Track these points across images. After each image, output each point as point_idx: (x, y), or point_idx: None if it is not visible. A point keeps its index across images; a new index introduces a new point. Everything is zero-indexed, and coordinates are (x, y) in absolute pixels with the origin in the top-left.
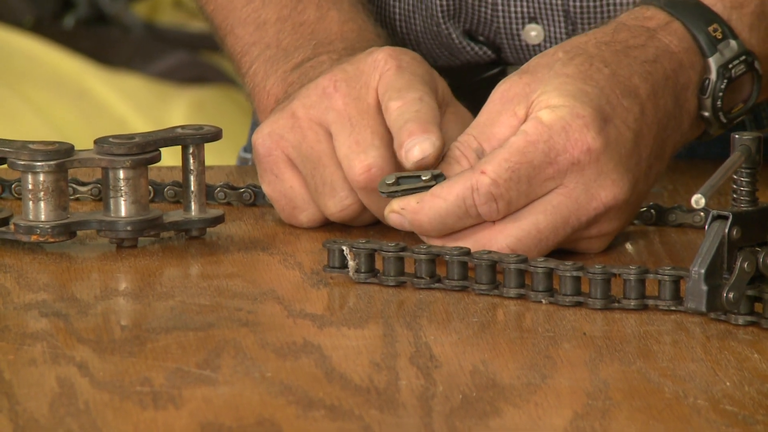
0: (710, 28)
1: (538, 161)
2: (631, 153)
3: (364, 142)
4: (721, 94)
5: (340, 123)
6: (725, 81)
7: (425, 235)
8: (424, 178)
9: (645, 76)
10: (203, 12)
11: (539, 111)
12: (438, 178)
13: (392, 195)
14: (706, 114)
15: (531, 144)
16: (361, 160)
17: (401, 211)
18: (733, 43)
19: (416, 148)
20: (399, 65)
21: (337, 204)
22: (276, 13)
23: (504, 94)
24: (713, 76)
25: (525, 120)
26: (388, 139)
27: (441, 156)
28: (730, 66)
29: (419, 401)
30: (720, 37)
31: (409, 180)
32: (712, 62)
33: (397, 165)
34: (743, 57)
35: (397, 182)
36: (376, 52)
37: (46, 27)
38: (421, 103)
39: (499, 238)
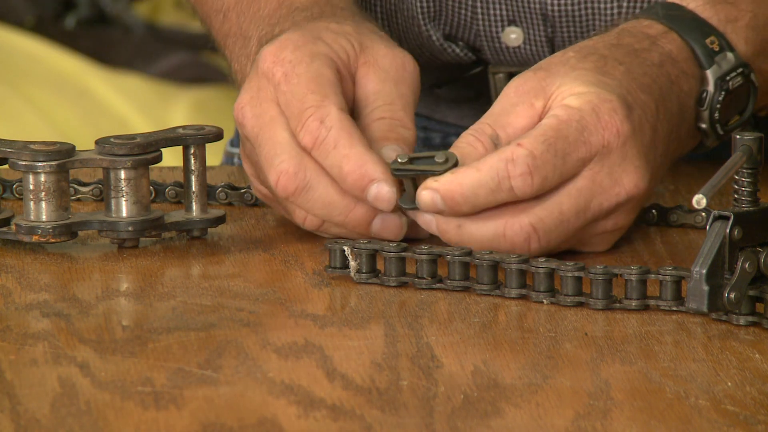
0: (707, 40)
1: (573, 138)
2: (650, 145)
3: (268, 155)
4: (718, 106)
5: (253, 145)
6: (723, 93)
7: (455, 212)
8: (438, 160)
9: (654, 77)
10: (189, 6)
11: (565, 99)
12: (451, 158)
13: (402, 173)
14: (704, 126)
15: (564, 123)
16: (271, 174)
17: (434, 184)
18: (730, 55)
19: (383, 203)
20: (284, 72)
21: (299, 219)
22: None
23: (519, 88)
24: (711, 88)
25: (543, 112)
26: (288, 139)
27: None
28: (728, 78)
29: (420, 401)
30: (717, 49)
31: (422, 161)
32: (710, 74)
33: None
34: (740, 69)
35: (410, 161)
36: (261, 60)
37: (48, 27)
38: (330, 133)
39: (522, 216)
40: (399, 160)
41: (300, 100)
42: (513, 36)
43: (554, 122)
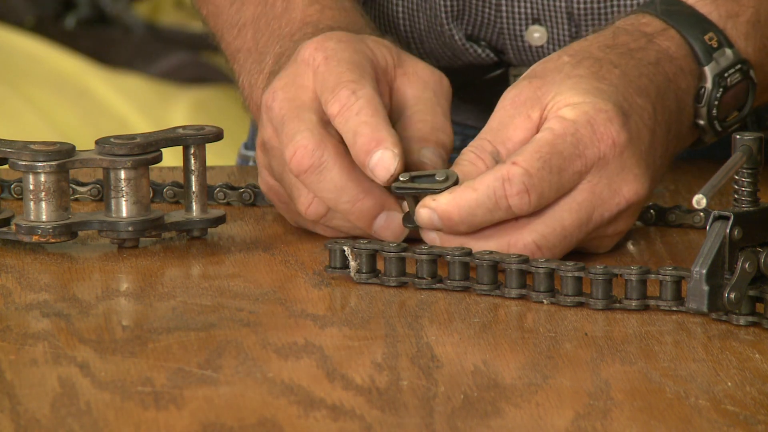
0: (706, 37)
1: (567, 152)
2: (648, 150)
3: (290, 132)
4: (716, 102)
5: (276, 127)
6: (721, 90)
7: (454, 231)
8: (438, 178)
9: (650, 77)
10: (200, 16)
11: (560, 110)
12: (452, 176)
13: (403, 191)
14: (701, 122)
15: (559, 137)
16: (289, 148)
17: (431, 203)
18: (728, 51)
19: (382, 170)
20: (325, 56)
21: (303, 205)
22: (252, 12)
23: (514, 99)
24: (709, 84)
25: (540, 123)
26: (315, 120)
27: (403, 156)
28: (726, 75)
29: (421, 401)
30: (716, 46)
31: (423, 179)
32: (708, 71)
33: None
34: (739, 66)
35: (411, 180)
36: (303, 48)
37: (48, 27)
38: (357, 102)
39: (524, 233)
40: (400, 179)
41: (337, 77)
42: (536, 35)
43: (549, 137)
